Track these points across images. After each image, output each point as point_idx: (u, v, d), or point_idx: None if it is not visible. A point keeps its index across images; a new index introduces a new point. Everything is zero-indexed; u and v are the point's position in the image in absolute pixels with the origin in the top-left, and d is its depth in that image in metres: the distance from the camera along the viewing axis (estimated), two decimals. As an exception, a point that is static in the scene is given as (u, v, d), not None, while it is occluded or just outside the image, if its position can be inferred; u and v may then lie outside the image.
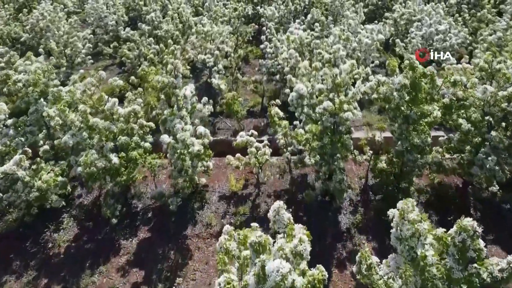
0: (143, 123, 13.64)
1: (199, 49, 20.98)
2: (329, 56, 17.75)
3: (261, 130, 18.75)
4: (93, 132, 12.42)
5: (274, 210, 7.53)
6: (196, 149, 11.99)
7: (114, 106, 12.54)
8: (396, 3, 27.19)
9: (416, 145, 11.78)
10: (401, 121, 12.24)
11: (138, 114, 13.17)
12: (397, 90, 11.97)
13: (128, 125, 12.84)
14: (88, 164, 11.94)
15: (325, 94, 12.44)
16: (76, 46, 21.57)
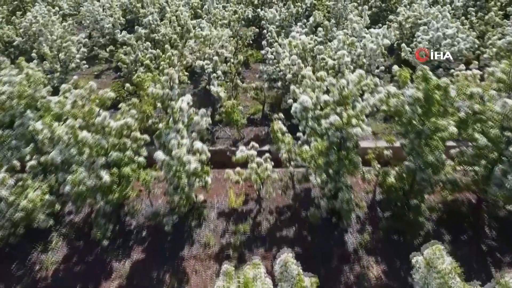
0: (137, 136, 12.68)
1: (197, 54, 19.98)
2: (333, 63, 16.81)
3: (262, 139, 17.80)
4: (82, 148, 11.40)
5: (282, 265, 6.42)
6: (192, 167, 11.01)
7: (105, 120, 11.52)
8: (400, 5, 26.21)
9: (430, 163, 10.78)
10: (413, 136, 11.24)
11: (131, 127, 12.18)
12: (409, 103, 10.98)
13: (121, 140, 11.83)
14: (77, 183, 10.95)
15: (332, 107, 11.44)
16: (70, 50, 20.53)
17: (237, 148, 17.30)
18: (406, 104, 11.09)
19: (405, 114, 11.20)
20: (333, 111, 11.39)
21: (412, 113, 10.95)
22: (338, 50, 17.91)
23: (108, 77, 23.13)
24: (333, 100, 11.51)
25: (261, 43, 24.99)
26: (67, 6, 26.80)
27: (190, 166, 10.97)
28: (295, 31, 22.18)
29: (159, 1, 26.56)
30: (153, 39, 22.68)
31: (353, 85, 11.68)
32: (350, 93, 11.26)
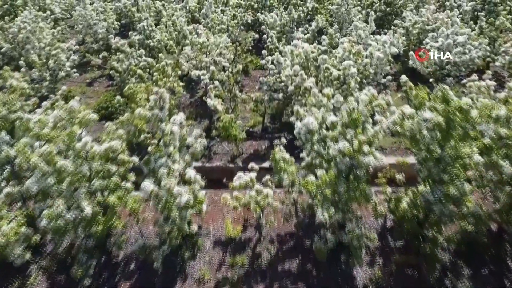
0: (125, 159, 11.28)
1: (194, 62, 18.57)
2: (338, 73, 15.40)
3: (262, 154, 16.42)
4: (61, 176, 10.00)
5: None
6: (184, 200, 9.62)
7: (87, 146, 10.11)
8: (406, 9, 24.80)
9: (451, 196, 9.39)
10: (431, 164, 9.85)
11: (117, 151, 10.79)
12: (428, 128, 9.57)
13: (105, 167, 10.43)
14: (54, 217, 9.57)
15: (340, 130, 10.03)
16: (60, 58, 19.09)
17: (235, 164, 16.02)
18: (424, 129, 9.68)
19: (422, 139, 9.80)
20: (342, 135, 10.00)
21: (431, 139, 9.55)
22: (343, 59, 16.49)
23: (101, 85, 21.72)
24: (342, 123, 10.12)
25: (261, 48, 23.58)
26: (59, 10, 25.30)
27: (181, 199, 9.56)
28: (296, 37, 20.79)
29: (155, 4, 25.10)
30: (148, 45, 21.27)
31: (364, 105, 10.29)
32: (361, 115, 9.85)
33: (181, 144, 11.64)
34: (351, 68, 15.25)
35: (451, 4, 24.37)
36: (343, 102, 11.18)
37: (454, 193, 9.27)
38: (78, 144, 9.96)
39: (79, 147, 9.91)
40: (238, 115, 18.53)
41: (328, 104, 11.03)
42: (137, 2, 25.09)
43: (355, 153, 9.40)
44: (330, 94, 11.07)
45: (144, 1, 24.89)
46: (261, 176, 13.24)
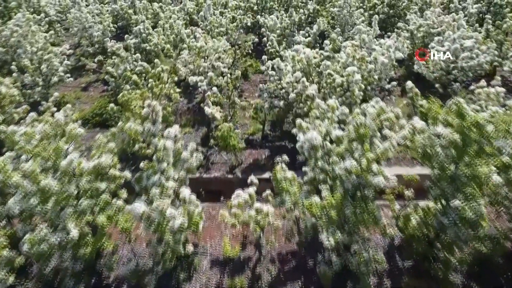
0: (115, 174, 10.47)
1: (191, 67, 17.74)
2: (342, 80, 14.55)
3: (262, 164, 15.59)
4: (45, 196, 9.17)
5: None
6: (178, 224, 8.78)
7: (72, 163, 9.27)
8: (409, 11, 23.94)
9: (468, 219, 8.56)
10: (445, 184, 9.02)
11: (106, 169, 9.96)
12: (442, 146, 8.74)
13: (93, 185, 9.59)
14: (37, 242, 8.76)
15: (346, 147, 9.20)
16: (52, 63, 18.23)
17: (234, 175, 15.18)
18: (438, 146, 8.85)
19: (435, 156, 8.97)
20: (348, 152, 9.16)
21: (445, 156, 8.72)
22: (347, 65, 15.65)
23: (96, 90, 20.87)
24: (348, 137, 9.29)
25: (260, 51, 22.78)
26: (54, 12, 24.42)
27: (175, 222, 8.73)
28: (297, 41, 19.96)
29: (153, 6, 24.23)
30: (144, 49, 20.42)
31: (371, 119, 9.45)
32: (369, 131, 9.02)
33: (176, 159, 10.81)
34: (355, 75, 14.41)
35: (455, 6, 23.51)
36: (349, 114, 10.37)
37: (470, 216, 8.44)
38: (63, 162, 9.10)
39: (64, 166, 9.06)
40: (237, 122, 17.72)
41: (332, 117, 10.18)
42: (134, 4, 24.21)
43: (363, 172, 8.56)
44: (335, 106, 10.21)
45: (141, 3, 23.99)
46: (262, 187, 12.48)
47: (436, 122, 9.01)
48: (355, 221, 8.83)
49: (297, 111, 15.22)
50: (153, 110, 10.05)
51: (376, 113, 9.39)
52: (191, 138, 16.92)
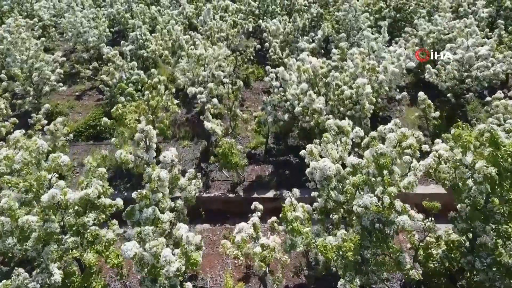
0: (106, 203, 9.28)
1: (190, 75, 16.54)
2: (351, 92, 13.36)
3: (265, 181, 14.41)
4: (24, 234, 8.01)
5: None
6: (174, 269, 7.60)
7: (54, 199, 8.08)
8: (416, 15, 22.68)
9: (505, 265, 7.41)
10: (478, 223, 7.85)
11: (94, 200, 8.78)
12: (475, 181, 7.57)
13: (79, 221, 8.41)
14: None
15: (364, 179, 8.02)
16: (43, 72, 17.00)
17: (236, 194, 14.03)
18: (469, 179, 7.69)
19: (465, 190, 7.80)
20: (366, 184, 7.99)
21: (479, 193, 7.54)
22: (355, 76, 14.47)
23: (91, 99, 19.65)
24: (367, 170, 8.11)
25: (262, 56, 21.59)
26: (48, 16, 23.15)
27: (169, 268, 7.55)
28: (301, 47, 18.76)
29: (150, 10, 22.98)
30: (141, 55, 19.20)
31: (391, 147, 8.28)
32: (390, 161, 7.84)
33: (173, 185, 9.63)
34: (366, 87, 13.22)
35: (464, 10, 22.25)
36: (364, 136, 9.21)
37: (507, 262, 7.27)
38: (45, 197, 7.92)
39: (45, 201, 7.88)
40: (239, 134, 16.54)
41: (346, 141, 9.01)
42: (131, 8, 22.95)
43: (385, 210, 7.39)
44: (349, 129, 9.03)
45: (138, 7, 22.74)
46: (266, 207, 11.30)
47: (466, 151, 7.82)
48: (375, 264, 7.66)
49: (303, 125, 14.07)
50: (146, 135, 8.85)
51: (396, 139, 8.21)
52: (190, 152, 15.77)
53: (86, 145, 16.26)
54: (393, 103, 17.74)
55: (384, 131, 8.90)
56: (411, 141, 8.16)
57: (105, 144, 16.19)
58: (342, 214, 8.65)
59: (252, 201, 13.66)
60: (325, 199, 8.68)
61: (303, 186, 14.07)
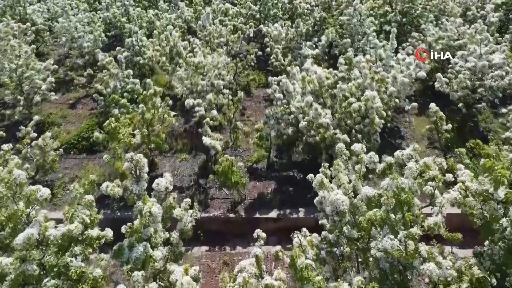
0: (93, 235, 8.22)
1: (188, 85, 15.48)
2: (359, 105, 12.30)
3: (268, 199, 13.37)
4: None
5: None
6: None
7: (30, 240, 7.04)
8: (422, 19, 21.63)
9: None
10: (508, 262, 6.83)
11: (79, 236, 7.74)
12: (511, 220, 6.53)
13: (60, 261, 7.36)
14: None
15: (382, 215, 6.97)
16: (34, 81, 15.94)
17: (237, 214, 13.00)
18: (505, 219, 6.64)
19: (499, 231, 6.77)
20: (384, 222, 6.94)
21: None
22: (364, 87, 13.42)
23: (85, 107, 18.56)
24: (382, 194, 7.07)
25: (263, 62, 20.54)
26: (41, 20, 22.04)
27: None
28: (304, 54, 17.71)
29: (148, 14, 21.89)
30: (137, 62, 18.12)
31: (412, 178, 7.23)
32: (412, 197, 6.79)
33: (167, 215, 8.59)
34: (376, 100, 12.17)
35: (473, 14, 21.19)
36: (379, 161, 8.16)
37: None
38: (19, 239, 6.87)
39: (20, 244, 6.83)
40: (239, 146, 15.48)
41: (361, 169, 7.96)
42: (128, 11, 21.86)
43: (409, 256, 6.35)
44: (364, 156, 7.98)
45: (135, 11, 21.65)
46: (269, 227, 10.47)
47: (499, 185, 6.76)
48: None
49: (308, 139, 13.04)
50: (136, 164, 7.81)
51: (418, 170, 7.17)
52: (187, 166, 14.73)
53: (78, 158, 15.19)
54: (402, 114, 16.69)
55: (402, 158, 7.86)
56: (435, 173, 7.11)
57: (99, 158, 15.12)
58: (356, 250, 7.62)
59: (253, 222, 12.78)
60: (337, 235, 7.63)
61: (307, 205, 13.12)
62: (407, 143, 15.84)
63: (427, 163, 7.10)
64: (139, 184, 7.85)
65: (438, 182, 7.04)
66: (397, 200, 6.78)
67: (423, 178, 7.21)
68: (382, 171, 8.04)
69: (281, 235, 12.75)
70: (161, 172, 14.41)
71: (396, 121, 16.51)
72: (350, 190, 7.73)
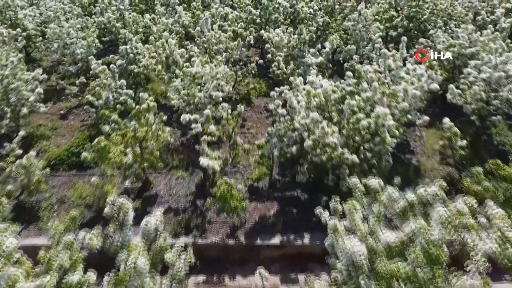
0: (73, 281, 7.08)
1: (185, 96, 14.30)
2: (368, 122, 11.12)
3: (270, 223, 12.22)
4: None
5: None
6: None
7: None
8: (430, 24, 20.42)
9: None
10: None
11: (55, 287, 6.59)
12: None
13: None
14: None
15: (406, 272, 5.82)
16: (21, 93, 14.76)
17: (236, 240, 11.85)
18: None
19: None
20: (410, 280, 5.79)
21: None
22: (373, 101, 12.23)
23: (77, 118, 17.36)
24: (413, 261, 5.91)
25: (264, 69, 19.35)
26: (33, 25, 20.82)
27: None
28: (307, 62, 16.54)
29: (144, 19, 20.68)
30: (132, 71, 16.92)
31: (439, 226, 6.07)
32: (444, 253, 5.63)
33: (157, 258, 7.43)
34: (388, 119, 10.99)
35: (483, 19, 20.00)
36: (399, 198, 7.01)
37: None
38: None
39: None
40: (239, 162, 14.32)
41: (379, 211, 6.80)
42: (123, 16, 20.63)
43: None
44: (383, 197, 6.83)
45: (130, 15, 20.43)
46: (271, 255, 10.06)
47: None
48: None
49: (314, 159, 11.90)
50: (119, 208, 6.64)
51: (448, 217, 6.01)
52: (184, 185, 13.57)
53: (68, 175, 14.03)
54: (411, 127, 15.53)
55: (426, 196, 6.71)
56: (471, 221, 5.95)
57: (90, 175, 13.95)
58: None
59: (255, 249, 11.63)
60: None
61: (313, 229, 12.01)
62: (417, 158, 14.73)
63: (460, 210, 5.94)
64: (123, 231, 6.68)
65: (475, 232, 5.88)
66: (425, 255, 5.62)
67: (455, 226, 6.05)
68: (402, 211, 6.88)
69: (285, 263, 11.68)
70: (155, 191, 13.29)
71: (406, 136, 15.35)
72: (367, 236, 6.57)
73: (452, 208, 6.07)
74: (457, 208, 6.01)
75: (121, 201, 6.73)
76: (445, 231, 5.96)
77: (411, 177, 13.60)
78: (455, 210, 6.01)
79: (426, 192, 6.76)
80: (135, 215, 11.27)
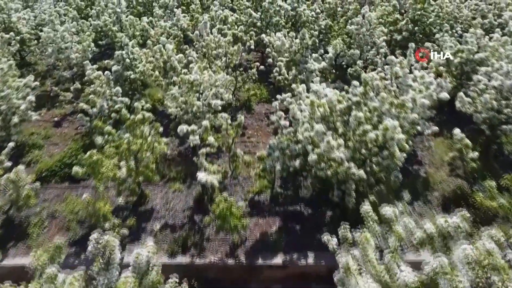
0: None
1: (182, 104, 13.56)
2: (376, 134, 10.35)
3: (272, 240, 11.47)
4: None
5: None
6: None
7: None
8: (435, 27, 19.66)
9: None
10: None
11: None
12: None
13: None
14: None
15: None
16: (11, 101, 14.00)
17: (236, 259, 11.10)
18: None
19: None
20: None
21: None
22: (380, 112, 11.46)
23: (71, 126, 16.63)
24: None
25: (265, 74, 18.56)
26: (27, 29, 20.04)
27: None
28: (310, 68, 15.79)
29: (141, 22, 19.90)
30: (128, 77, 16.16)
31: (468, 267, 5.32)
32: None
33: None
34: (397, 132, 10.23)
35: (490, 22, 19.25)
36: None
37: None
38: None
39: None
40: (239, 173, 13.58)
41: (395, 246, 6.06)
42: (120, 19, 19.86)
43: None
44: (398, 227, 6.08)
45: (127, 19, 19.66)
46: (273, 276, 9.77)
47: None
48: None
49: (318, 173, 11.13)
50: (104, 246, 5.88)
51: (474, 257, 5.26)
52: (181, 199, 12.84)
53: (60, 188, 13.29)
54: (419, 136, 14.76)
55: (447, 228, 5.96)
56: (501, 262, 5.21)
57: (83, 187, 13.23)
58: None
59: (255, 269, 10.92)
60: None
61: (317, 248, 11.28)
62: (426, 169, 14.00)
63: (490, 251, 5.19)
64: (109, 272, 5.93)
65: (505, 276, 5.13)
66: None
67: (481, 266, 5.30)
68: (420, 243, 6.13)
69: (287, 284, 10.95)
70: (151, 205, 12.55)
71: (413, 145, 14.57)
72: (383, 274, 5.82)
73: (479, 246, 5.33)
74: (486, 247, 5.25)
75: (105, 240, 5.98)
76: (472, 273, 5.22)
77: (419, 190, 12.89)
78: (482, 248, 5.27)
79: (447, 224, 6.00)
80: (129, 232, 10.60)
